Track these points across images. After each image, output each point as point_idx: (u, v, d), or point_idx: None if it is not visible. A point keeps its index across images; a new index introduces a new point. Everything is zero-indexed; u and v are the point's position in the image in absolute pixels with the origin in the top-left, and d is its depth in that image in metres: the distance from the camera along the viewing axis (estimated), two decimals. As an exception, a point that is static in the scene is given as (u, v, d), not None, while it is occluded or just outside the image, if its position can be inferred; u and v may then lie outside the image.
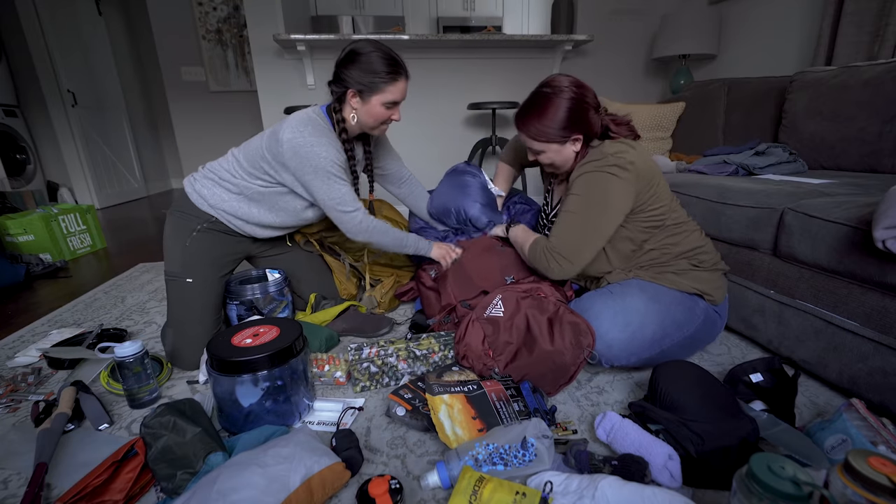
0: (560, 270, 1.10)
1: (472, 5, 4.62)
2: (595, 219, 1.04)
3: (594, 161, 1.02)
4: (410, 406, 0.92)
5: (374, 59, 1.10)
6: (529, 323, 1.04)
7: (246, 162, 1.19)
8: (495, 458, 0.75)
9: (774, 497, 0.52)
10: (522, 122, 1.07)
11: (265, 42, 2.52)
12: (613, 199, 1.01)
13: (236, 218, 1.23)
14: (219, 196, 1.20)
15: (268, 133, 1.18)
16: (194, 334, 1.17)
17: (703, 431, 0.77)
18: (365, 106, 1.15)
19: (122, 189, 4.32)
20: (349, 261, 1.59)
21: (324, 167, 1.12)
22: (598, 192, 1.01)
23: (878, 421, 0.75)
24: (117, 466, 0.77)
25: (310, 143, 1.10)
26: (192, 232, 1.20)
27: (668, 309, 1.03)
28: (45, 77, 3.55)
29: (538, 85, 1.07)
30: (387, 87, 1.12)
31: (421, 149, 2.87)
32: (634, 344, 1.01)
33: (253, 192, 1.20)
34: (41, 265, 2.13)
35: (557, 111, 1.01)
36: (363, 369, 1.07)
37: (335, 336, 1.28)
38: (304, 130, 1.11)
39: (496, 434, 0.79)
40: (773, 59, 2.43)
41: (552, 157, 1.09)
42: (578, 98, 1.02)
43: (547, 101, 1.03)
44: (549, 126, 1.03)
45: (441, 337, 1.13)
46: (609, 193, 1.01)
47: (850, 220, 0.94)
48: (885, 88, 1.46)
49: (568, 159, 1.09)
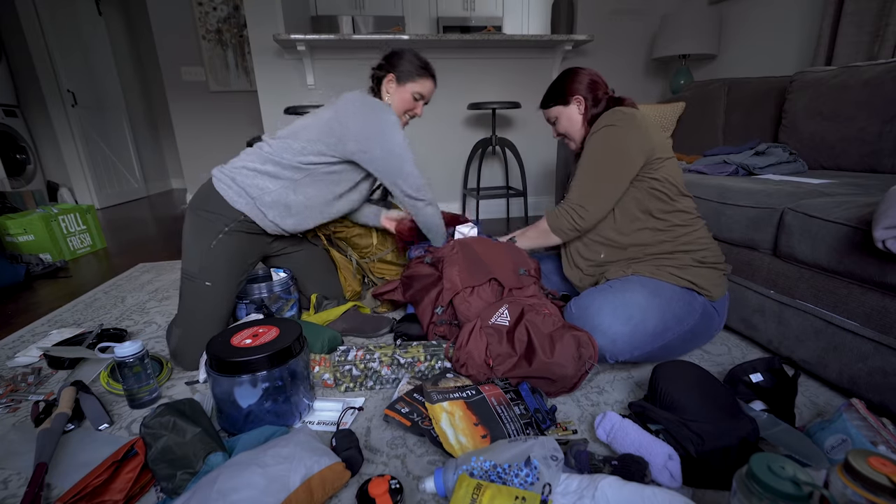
0: (580, 219, 1.14)
1: (472, 5, 4.62)
2: (602, 165, 1.11)
3: (599, 124, 1.12)
4: (409, 422, 0.88)
5: (415, 57, 1.31)
6: (531, 335, 1.02)
7: (299, 142, 1.20)
8: (492, 476, 0.71)
9: (774, 497, 0.52)
10: (542, 100, 1.26)
11: (265, 42, 2.52)
12: (624, 147, 1.08)
13: (273, 209, 1.22)
14: (260, 186, 1.19)
15: (325, 110, 1.23)
16: (202, 336, 1.15)
17: (703, 431, 0.77)
18: (399, 90, 1.30)
19: (122, 189, 4.33)
20: (355, 257, 1.59)
21: (400, 143, 1.22)
22: (609, 142, 1.10)
23: (878, 421, 0.75)
24: (117, 466, 0.77)
25: (388, 123, 1.21)
26: (217, 234, 1.18)
27: (669, 303, 1.03)
28: (45, 77, 3.55)
29: None
30: (420, 79, 1.30)
31: (421, 149, 2.87)
32: (637, 337, 1.01)
33: (303, 173, 1.22)
34: (41, 265, 2.13)
35: (564, 79, 1.22)
36: (345, 371, 1.06)
37: (338, 337, 1.25)
38: (377, 105, 1.21)
39: (498, 449, 0.75)
40: (773, 59, 2.43)
41: (564, 124, 1.23)
42: (584, 71, 1.21)
43: (559, 77, 1.24)
44: (557, 90, 1.22)
45: (430, 347, 1.11)
46: (620, 142, 1.09)
47: (850, 220, 0.94)
48: (885, 88, 1.46)
49: (576, 124, 1.22)
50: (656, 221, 1.11)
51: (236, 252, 1.22)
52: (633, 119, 1.08)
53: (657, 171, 1.09)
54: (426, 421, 0.87)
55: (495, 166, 3.03)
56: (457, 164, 2.95)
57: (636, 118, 1.09)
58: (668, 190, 1.09)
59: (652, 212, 1.11)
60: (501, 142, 2.59)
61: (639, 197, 1.11)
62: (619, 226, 1.14)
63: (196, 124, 4.41)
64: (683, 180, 1.13)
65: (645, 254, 1.12)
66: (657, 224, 1.11)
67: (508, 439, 0.80)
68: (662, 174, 1.09)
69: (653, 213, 1.11)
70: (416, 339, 1.23)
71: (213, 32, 4.29)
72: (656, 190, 1.10)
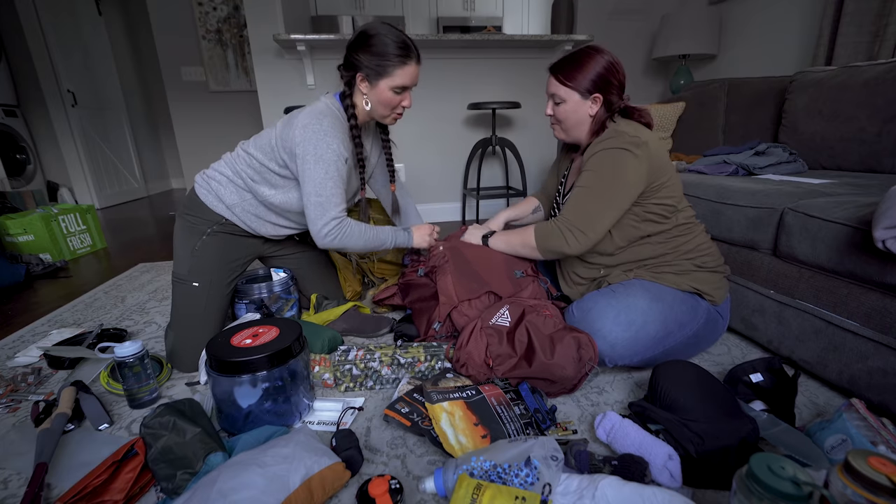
0: (576, 244, 1.07)
1: (472, 5, 4.62)
2: (609, 191, 1.04)
3: (610, 139, 1.04)
4: (409, 422, 0.88)
5: (385, 41, 1.08)
6: (531, 336, 1.02)
7: (259, 152, 1.16)
8: (492, 476, 0.71)
9: (774, 497, 0.52)
10: (557, 66, 1.10)
11: (265, 42, 2.52)
12: (628, 174, 1.02)
13: (251, 215, 1.21)
14: (232, 194, 1.19)
15: (282, 122, 1.16)
16: (195, 338, 1.16)
17: (703, 431, 0.77)
18: (374, 91, 1.13)
19: (122, 189, 4.33)
20: (355, 258, 1.59)
21: (327, 158, 1.09)
22: (613, 166, 1.02)
23: (878, 421, 0.75)
24: (117, 466, 0.77)
25: (323, 132, 1.08)
26: (201, 235, 1.19)
27: (672, 308, 1.03)
28: (45, 77, 3.55)
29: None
30: (396, 70, 1.10)
31: (421, 149, 2.87)
32: (638, 343, 1.01)
33: (265, 185, 1.17)
34: (41, 265, 2.13)
35: (594, 65, 1.06)
36: (345, 371, 1.06)
37: (338, 337, 1.25)
38: (323, 121, 1.09)
39: (498, 449, 0.75)
40: (773, 59, 2.43)
41: (567, 111, 1.10)
42: (614, 66, 1.07)
43: (588, 55, 1.07)
44: (581, 73, 1.06)
45: (430, 347, 1.11)
46: (624, 168, 1.02)
47: (850, 220, 0.94)
48: (885, 88, 1.46)
49: (580, 121, 1.11)
50: (656, 237, 1.10)
51: (222, 252, 1.22)
52: (648, 149, 1.02)
53: (659, 193, 1.06)
54: (426, 421, 0.87)
55: (495, 166, 3.03)
56: (457, 164, 2.95)
57: (650, 148, 1.02)
58: (666, 211, 1.07)
59: (650, 232, 1.09)
60: (501, 142, 2.59)
61: (637, 218, 1.08)
62: (616, 242, 1.11)
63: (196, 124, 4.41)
64: (682, 189, 1.11)
65: (646, 263, 1.12)
66: (657, 238, 1.10)
67: (508, 439, 0.80)
68: (664, 195, 1.06)
69: (650, 233, 1.09)
70: (417, 340, 1.23)
71: (213, 32, 4.29)
72: (654, 213, 1.07)
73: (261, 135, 1.20)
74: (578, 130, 1.13)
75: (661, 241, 1.10)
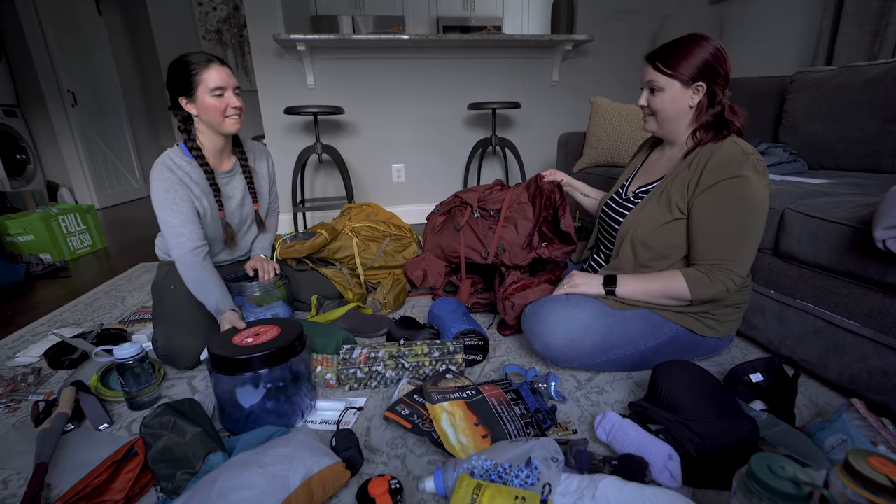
0: (734, 287, 0.98)
1: (472, 5, 4.62)
2: (757, 227, 0.97)
3: (737, 162, 0.95)
4: (410, 424, 0.88)
5: (182, 60, 1.14)
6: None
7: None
8: (493, 476, 0.71)
9: (774, 497, 0.52)
10: (657, 53, 1.01)
11: (265, 42, 2.52)
12: (763, 202, 0.96)
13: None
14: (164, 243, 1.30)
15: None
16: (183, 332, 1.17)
17: (703, 431, 0.77)
18: (197, 105, 1.16)
19: (122, 189, 4.32)
20: (346, 270, 1.60)
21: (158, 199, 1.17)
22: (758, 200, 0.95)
23: (878, 421, 0.75)
24: (117, 466, 0.77)
25: (153, 180, 1.17)
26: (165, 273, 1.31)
27: (624, 322, 1.05)
28: (45, 77, 3.55)
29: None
30: (202, 74, 1.13)
31: (421, 149, 2.87)
32: (574, 350, 1.06)
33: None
34: (41, 265, 2.13)
35: (700, 52, 0.97)
36: (349, 374, 1.07)
37: (351, 338, 1.23)
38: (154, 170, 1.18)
39: (499, 449, 0.75)
40: (773, 59, 2.43)
41: (665, 101, 1.01)
42: (721, 53, 0.98)
43: (693, 42, 0.98)
44: (685, 60, 0.97)
45: (434, 344, 1.11)
46: (764, 197, 0.96)
47: (850, 220, 0.94)
48: (885, 88, 1.46)
49: (678, 112, 1.02)
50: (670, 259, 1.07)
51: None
52: (765, 168, 0.97)
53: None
54: (427, 423, 0.87)
55: (495, 166, 3.03)
56: (457, 164, 2.95)
57: (763, 166, 0.96)
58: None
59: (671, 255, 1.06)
60: (501, 142, 2.59)
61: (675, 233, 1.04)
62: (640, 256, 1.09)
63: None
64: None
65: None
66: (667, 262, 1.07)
67: (509, 440, 0.80)
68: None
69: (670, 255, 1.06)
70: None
71: (213, 32, 4.29)
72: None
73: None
74: (675, 122, 1.04)
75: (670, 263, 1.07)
